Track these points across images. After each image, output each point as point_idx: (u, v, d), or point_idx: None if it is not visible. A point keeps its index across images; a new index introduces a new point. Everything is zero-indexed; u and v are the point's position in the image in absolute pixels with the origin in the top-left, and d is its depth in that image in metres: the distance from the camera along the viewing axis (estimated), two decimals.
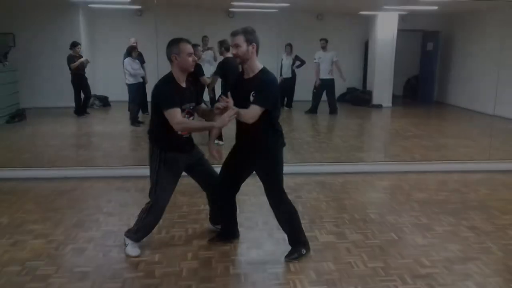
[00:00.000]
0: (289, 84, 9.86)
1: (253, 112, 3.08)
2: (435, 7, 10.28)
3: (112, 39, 8.84)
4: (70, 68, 8.14)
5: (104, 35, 10.03)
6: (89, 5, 10.08)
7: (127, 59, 8.17)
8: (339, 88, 10.88)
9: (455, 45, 11.77)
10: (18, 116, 8.52)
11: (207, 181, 3.59)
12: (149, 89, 3.28)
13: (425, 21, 11.93)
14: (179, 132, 3.25)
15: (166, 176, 3.36)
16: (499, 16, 9.33)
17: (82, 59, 8.32)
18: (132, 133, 8.19)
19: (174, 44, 3.25)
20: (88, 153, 6.41)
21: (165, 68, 3.62)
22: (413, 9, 10.65)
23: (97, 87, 10.19)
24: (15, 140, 7.35)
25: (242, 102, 3.13)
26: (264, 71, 3.19)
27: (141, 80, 8.36)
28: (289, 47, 9.59)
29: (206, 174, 3.59)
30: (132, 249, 3.44)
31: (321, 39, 9.70)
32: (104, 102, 9.92)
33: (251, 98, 3.11)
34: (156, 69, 8.68)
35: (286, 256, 3.38)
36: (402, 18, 11.31)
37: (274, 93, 3.17)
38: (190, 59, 3.25)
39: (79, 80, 8.43)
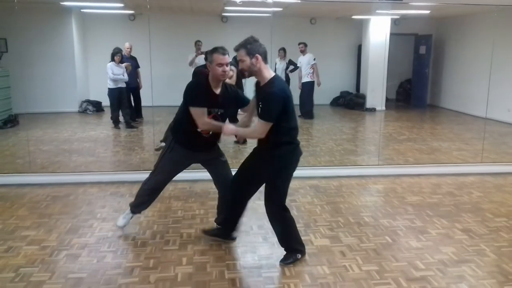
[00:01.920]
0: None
1: (259, 128, 3.12)
2: (427, 11, 10.36)
3: (105, 43, 8.83)
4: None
5: (97, 40, 10.04)
6: (82, 10, 10.08)
7: (110, 64, 8.21)
8: (333, 92, 10.95)
9: (447, 48, 11.87)
10: (10, 121, 8.49)
11: (216, 180, 3.78)
12: (143, 93, 3.29)
13: (417, 25, 12.04)
14: (200, 131, 3.44)
15: (167, 162, 3.64)
16: (490, 20, 9.42)
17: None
18: (126, 138, 8.17)
19: (210, 52, 3.41)
20: (82, 159, 6.37)
21: (158, 72, 3.64)
22: (406, 13, 10.74)
23: (90, 92, 10.20)
24: (7, 145, 7.31)
25: (258, 109, 3.19)
26: (271, 82, 3.13)
27: (122, 85, 8.38)
28: (282, 51, 9.62)
29: (215, 173, 3.76)
30: (121, 219, 3.91)
31: (299, 43, 9.71)
32: (97, 107, 9.92)
33: (259, 109, 3.14)
34: (150, 73, 8.71)
35: (281, 261, 3.38)
36: (395, 22, 11.42)
37: (275, 105, 3.05)
38: (220, 69, 3.34)
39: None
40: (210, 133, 3.51)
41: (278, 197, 3.31)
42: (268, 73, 3.16)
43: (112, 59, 8.19)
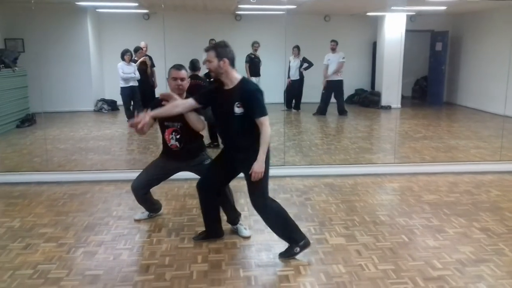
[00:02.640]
0: (297, 86, 9.87)
1: (265, 125, 3.19)
2: (444, 7, 10.23)
3: (120, 43, 8.90)
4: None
5: (112, 39, 10.12)
6: (97, 10, 10.17)
7: (120, 64, 8.36)
8: (348, 90, 10.87)
9: (464, 45, 11.69)
10: (28, 120, 8.61)
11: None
12: (158, 92, 3.33)
13: (433, 21, 11.88)
14: (170, 145, 3.84)
15: (150, 164, 4.07)
16: (508, 15, 9.27)
17: (143, 58, 8.67)
18: (141, 137, 8.21)
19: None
20: (98, 157, 6.44)
21: None
22: (421, 9, 10.61)
23: (105, 91, 10.28)
24: (25, 144, 7.41)
25: (225, 114, 3.27)
26: (244, 81, 3.30)
27: (134, 83, 8.50)
28: (296, 49, 9.59)
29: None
30: (139, 214, 4.21)
31: (331, 41, 9.72)
32: (113, 106, 10.00)
33: (236, 109, 3.20)
34: (164, 72, 8.75)
35: (280, 255, 3.41)
36: (410, 19, 11.28)
37: (263, 99, 3.25)
38: (174, 83, 3.70)
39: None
40: (180, 146, 3.79)
41: (261, 189, 3.33)
42: (236, 74, 3.29)
43: (122, 59, 8.33)
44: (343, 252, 3.51)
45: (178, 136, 3.77)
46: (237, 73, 3.30)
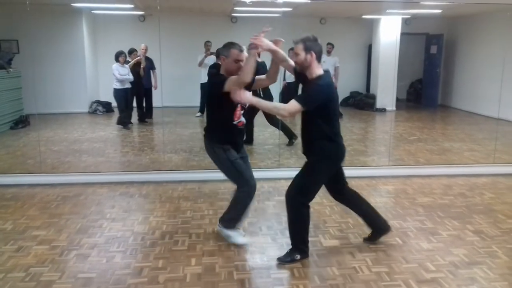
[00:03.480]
0: (293, 88, 9.86)
1: (290, 106, 3.17)
2: (439, 11, 10.26)
3: (115, 45, 8.88)
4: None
5: (107, 41, 10.10)
6: (92, 11, 10.14)
7: (115, 65, 8.36)
8: (343, 92, 10.90)
9: (458, 48, 11.75)
10: (22, 122, 8.57)
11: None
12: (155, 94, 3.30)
13: (428, 25, 11.93)
14: (236, 123, 3.54)
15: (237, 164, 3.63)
16: (503, 19, 9.31)
17: (137, 58, 8.68)
18: (135, 138, 8.21)
19: (226, 47, 3.46)
20: (92, 159, 6.41)
21: (168, 73, 3.65)
22: (416, 13, 10.65)
23: (99, 93, 10.25)
24: (19, 146, 7.37)
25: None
26: (320, 76, 3.23)
27: (128, 86, 8.50)
28: (292, 51, 9.60)
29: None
30: (237, 237, 3.66)
31: (327, 44, 9.75)
32: (107, 108, 9.97)
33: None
34: (160, 74, 8.75)
35: (279, 258, 3.39)
36: (406, 22, 11.32)
37: (316, 95, 3.18)
38: (236, 65, 3.39)
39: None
40: (245, 123, 3.60)
41: (301, 186, 3.37)
42: (319, 70, 3.25)
43: (117, 60, 8.33)
44: (337, 255, 3.51)
45: (243, 112, 3.59)
46: (320, 69, 3.26)
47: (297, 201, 3.36)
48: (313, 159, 3.36)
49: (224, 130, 3.54)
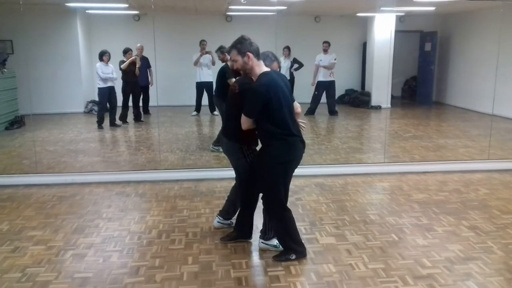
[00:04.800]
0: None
1: (241, 120, 3.17)
2: (432, 8, 10.31)
3: (110, 44, 8.86)
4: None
5: (102, 41, 10.06)
6: (87, 11, 10.11)
7: (99, 64, 8.37)
8: (338, 90, 10.92)
9: (452, 45, 11.79)
10: (17, 122, 8.54)
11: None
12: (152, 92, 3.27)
13: (422, 22, 11.97)
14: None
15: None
16: (496, 16, 9.36)
17: (133, 58, 8.69)
18: (131, 138, 8.20)
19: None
20: (88, 159, 6.40)
21: (163, 72, 3.65)
22: (411, 10, 10.68)
23: (95, 93, 10.21)
24: (14, 146, 7.35)
25: None
26: (258, 78, 3.16)
27: (112, 84, 8.52)
28: (287, 50, 9.61)
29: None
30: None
31: (324, 42, 9.78)
32: None
33: None
34: (155, 73, 8.74)
35: (274, 257, 3.40)
36: (400, 19, 11.36)
37: (254, 102, 3.10)
38: None
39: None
40: None
41: (271, 190, 3.31)
42: (259, 69, 3.18)
43: (101, 59, 8.34)
44: (333, 252, 3.52)
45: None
46: (261, 67, 3.19)
47: (274, 211, 3.36)
48: (268, 165, 3.24)
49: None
